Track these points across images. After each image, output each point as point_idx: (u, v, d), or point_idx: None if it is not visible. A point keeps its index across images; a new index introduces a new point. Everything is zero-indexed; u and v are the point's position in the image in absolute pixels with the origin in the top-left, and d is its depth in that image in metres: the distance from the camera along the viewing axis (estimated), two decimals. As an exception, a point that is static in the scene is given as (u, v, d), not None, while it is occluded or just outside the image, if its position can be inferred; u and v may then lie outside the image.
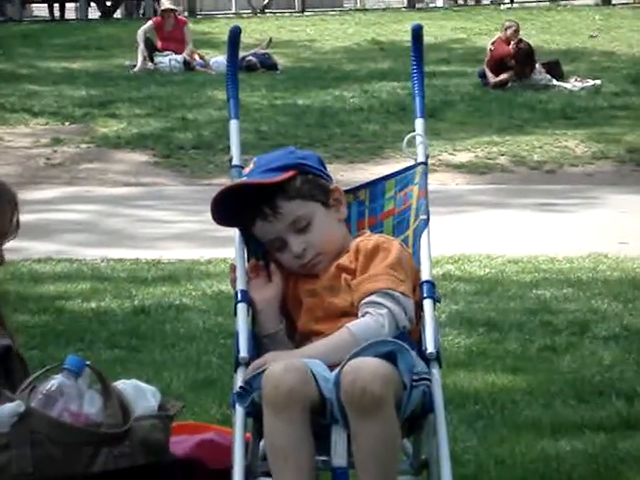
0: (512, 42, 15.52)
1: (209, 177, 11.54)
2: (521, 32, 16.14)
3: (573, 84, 15.30)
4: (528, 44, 15.57)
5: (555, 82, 15.33)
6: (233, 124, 3.13)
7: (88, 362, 2.69)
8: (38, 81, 15.77)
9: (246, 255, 2.98)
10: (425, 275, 2.89)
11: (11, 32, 21.19)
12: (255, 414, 2.68)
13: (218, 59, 16.56)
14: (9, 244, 3.03)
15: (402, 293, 2.80)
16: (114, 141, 12.88)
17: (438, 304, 2.89)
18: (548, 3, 23.62)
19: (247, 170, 3.00)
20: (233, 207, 2.93)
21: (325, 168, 3.03)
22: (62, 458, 2.54)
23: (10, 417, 2.56)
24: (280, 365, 2.62)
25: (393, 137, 12.38)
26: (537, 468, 3.77)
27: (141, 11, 24.00)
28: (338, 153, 12.23)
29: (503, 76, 15.34)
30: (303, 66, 17.51)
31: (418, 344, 2.82)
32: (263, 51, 17.15)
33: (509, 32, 15.70)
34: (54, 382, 2.60)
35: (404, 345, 2.66)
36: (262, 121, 13.31)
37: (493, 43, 15.86)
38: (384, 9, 23.96)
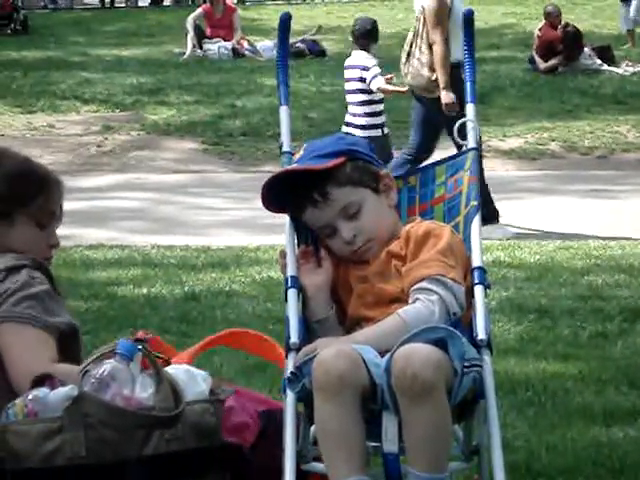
0: (559, 26, 15.41)
1: (258, 164, 11.57)
2: (571, 16, 16.01)
3: (625, 69, 15.15)
4: (575, 27, 15.45)
5: (606, 67, 15.20)
6: (283, 110, 3.13)
7: (140, 347, 2.71)
8: (89, 68, 15.90)
9: (296, 241, 2.99)
10: (476, 261, 2.88)
11: (62, 20, 21.37)
12: (306, 399, 2.68)
13: (265, 44, 16.60)
14: (61, 231, 3.08)
15: (452, 279, 2.79)
16: (164, 128, 12.95)
17: (488, 290, 2.88)
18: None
19: (297, 156, 3.00)
20: (283, 193, 2.93)
21: (375, 154, 3.02)
22: (115, 441, 2.56)
23: (64, 401, 2.58)
24: (331, 351, 2.62)
25: (442, 123, 12.31)
26: (589, 455, 3.75)
27: (190, -2, 24.10)
28: (387, 139, 12.19)
29: (552, 61, 15.23)
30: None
31: (469, 330, 2.81)
32: (311, 37, 17.15)
33: (552, 17, 15.58)
34: (106, 367, 2.62)
35: (455, 331, 2.65)
36: (310, 108, 13.32)
37: (540, 29, 15.77)
38: (433, -6, 23.81)
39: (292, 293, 2.87)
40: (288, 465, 2.64)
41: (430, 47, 7.84)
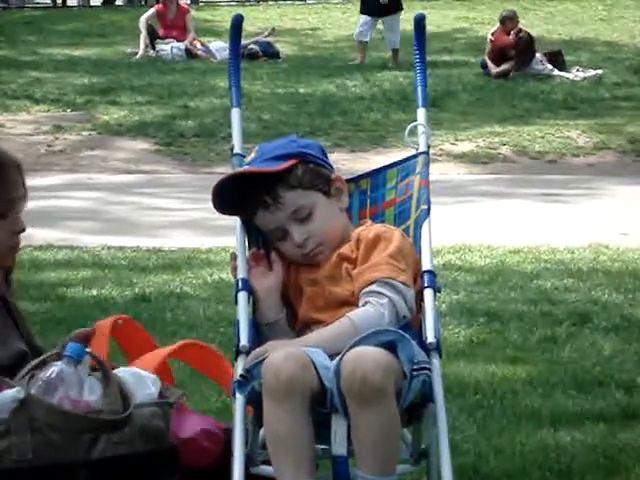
0: (512, 32, 15.50)
1: (210, 165, 11.53)
2: (523, 22, 16.11)
3: (575, 74, 15.29)
4: (528, 33, 15.56)
5: (557, 72, 15.32)
6: (235, 112, 3.12)
7: (88, 349, 2.69)
8: (40, 68, 15.76)
9: (247, 244, 2.98)
10: (426, 265, 2.89)
11: (13, 18, 21.19)
12: (255, 402, 2.68)
13: (219, 44, 16.56)
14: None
15: (403, 282, 2.80)
16: (115, 128, 12.88)
17: (439, 294, 2.90)
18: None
19: (248, 158, 2.99)
20: (234, 195, 2.93)
21: (327, 157, 3.03)
22: (61, 444, 2.54)
23: (10, 403, 2.56)
24: (280, 354, 2.62)
25: (395, 126, 12.37)
26: (536, 458, 3.78)
27: (143, -2, 23.99)
28: (340, 142, 12.23)
29: (504, 66, 15.33)
30: (305, 54, 17.50)
31: (418, 334, 2.82)
32: (265, 39, 17.14)
33: (509, 22, 15.65)
34: (54, 369, 2.60)
35: (405, 334, 2.66)
36: (264, 110, 13.30)
37: (493, 33, 15.86)
38: (387, -2, 23.86)
39: (242, 296, 2.87)
40: (237, 468, 2.63)
41: None
